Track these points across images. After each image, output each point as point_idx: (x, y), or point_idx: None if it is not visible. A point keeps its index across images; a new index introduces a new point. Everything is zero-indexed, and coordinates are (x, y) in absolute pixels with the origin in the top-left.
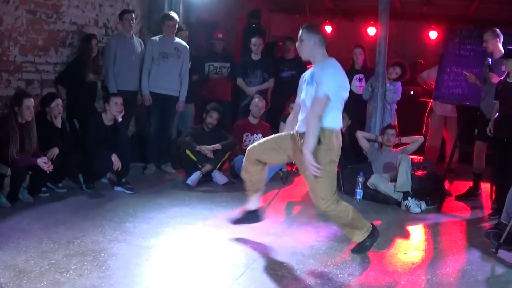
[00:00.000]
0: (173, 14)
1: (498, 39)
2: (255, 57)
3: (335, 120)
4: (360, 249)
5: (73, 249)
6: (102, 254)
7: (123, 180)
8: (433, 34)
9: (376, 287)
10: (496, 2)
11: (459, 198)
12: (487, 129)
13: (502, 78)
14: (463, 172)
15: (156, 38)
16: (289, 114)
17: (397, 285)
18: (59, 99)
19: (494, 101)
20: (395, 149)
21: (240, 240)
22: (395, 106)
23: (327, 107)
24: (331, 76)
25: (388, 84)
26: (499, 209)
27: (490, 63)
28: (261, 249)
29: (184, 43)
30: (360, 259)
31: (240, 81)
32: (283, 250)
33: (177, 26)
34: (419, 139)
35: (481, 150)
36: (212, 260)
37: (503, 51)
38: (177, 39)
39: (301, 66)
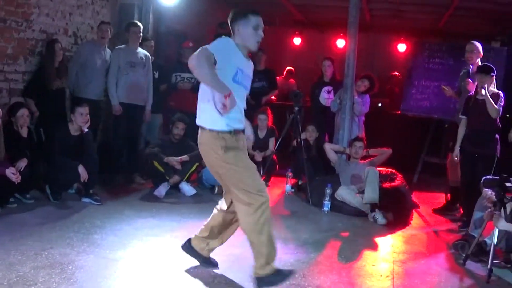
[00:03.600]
0: (137, 22)
1: (477, 52)
2: None
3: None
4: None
5: (41, 261)
6: (70, 267)
7: (90, 191)
8: (402, 47)
9: None
10: (465, 16)
11: (437, 211)
12: (456, 145)
13: (472, 93)
14: (429, 183)
15: (121, 47)
16: (257, 125)
17: None
18: (25, 109)
19: (461, 117)
20: (362, 161)
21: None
22: (363, 118)
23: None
24: None
25: (356, 97)
26: (468, 221)
27: (470, 70)
28: (229, 262)
29: (147, 53)
30: (328, 271)
31: None
32: (251, 262)
33: (141, 35)
34: (387, 151)
35: (455, 164)
36: (180, 272)
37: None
38: (140, 49)
39: (271, 76)
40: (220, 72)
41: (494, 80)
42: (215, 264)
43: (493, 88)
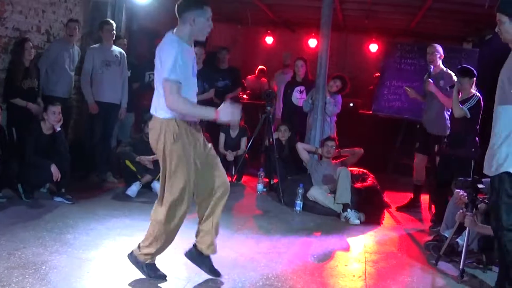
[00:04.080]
0: (110, 20)
1: (438, 54)
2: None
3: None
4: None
5: (14, 261)
6: (44, 267)
7: (62, 190)
8: (373, 47)
9: None
10: (437, 17)
11: (400, 209)
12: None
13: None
14: (400, 183)
15: (95, 46)
16: (229, 125)
17: None
18: None
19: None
20: (334, 161)
21: (181, 253)
22: (335, 118)
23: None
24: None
25: (328, 97)
26: (439, 222)
27: (431, 71)
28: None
29: (122, 50)
30: (301, 271)
31: None
32: (224, 262)
33: (115, 33)
34: (358, 151)
35: (421, 163)
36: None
37: (442, 66)
38: (114, 47)
39: (235, 75)
40: (182, 75)
41: (474, 82)
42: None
43: (473, 90)
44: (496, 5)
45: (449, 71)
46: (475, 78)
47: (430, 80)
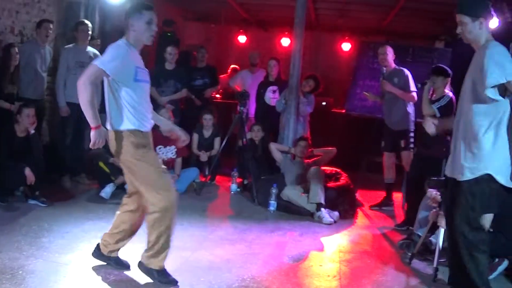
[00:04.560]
0: (85, 20)
1: (390, 54)
2: (169, 66)
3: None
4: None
5: None
6: (20, 272)
7: (37, 193)
8: (346, 46)
9: None
10: (410, 16)
11: (373, 207)
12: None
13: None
14: (373, 181)
15: (70, 46)
16: (202, 125)
17: None
18: None
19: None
20: (307, 160)
21: None
22: (308, 118)
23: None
24: None
25: (301, 97)
26: (410, 220)
27: (384, 71)
28: (178, 264)
29: (96, 51)
30: (276, 272)
31: (152, 91)
32: (200, 264)
33: (90, 33)
34: (331, 150)
35: (390, 161)
36: (129, 276)
37: (394, 65)
38: (89, 48)
39: (213, 73)
40: (119, 77)
41: (449, 82)
42: (127, 266)
43: (447, 90)
44: (457, 6)
45: (401, 68)
46: (449, 78)
47: (384, 80)
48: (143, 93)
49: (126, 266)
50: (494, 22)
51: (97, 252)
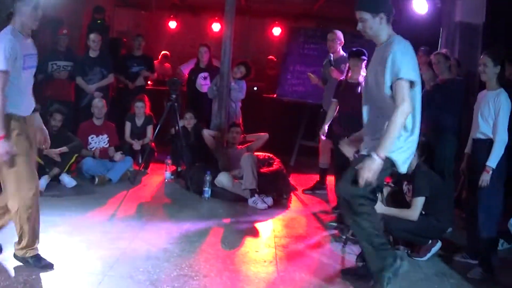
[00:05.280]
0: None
1: (339, 40)
2: (93, 54)
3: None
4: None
5: None
6: None
7: None
8: (277, 31)
9: (230, 286)
10: (339, 1)
11: (306, 191)
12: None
13: (343, 78)
14: (306, 165)
15: None
16: (135, 113)
17: (251, 283)
18: None
19: (333, 100)
20: (240, 146)
21: (94, 247)
22: (239, 104)
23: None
24: None
25: (233, 83)
26: None
27: (331, 58)
28: (116, 255)
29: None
30: (213, 259)
31: (79, 80)
32: (138, 254)
33: None
34: (264, 136)
35: (326, 146)
36: (68, 270)
37: (342, 52)
38: None
39: (149, 62)
40: (12, 67)
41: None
42: None
43: (363, 72)
44: (356, 4)
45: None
46: (366, 60)
47: (332, 67)
48: (29, 79)
49: None
50: (423, 8)
51: None
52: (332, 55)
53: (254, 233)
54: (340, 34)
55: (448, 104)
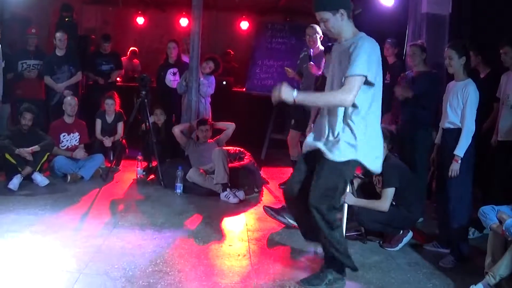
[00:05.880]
0: None
1: (318, 35)
2: (60, 52)
3: None
4: None
5: None
6: None
7: None
8: (244, 25)
9: (206, 282)
10: None
11: (282, 185)
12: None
13: (320, 73)
14: (276, 159)
15: None
16: (105, 110)
17: (225, 277)
18: None
19: None
20: (210, 140)
21: (69, 245)
22: (209, 99)
23: None
24: None
25: (202, 78)
26: None
27: (311, 54)
28: (91, 253)
29: None
30: (187, 254)
31: (47, 79)
32: (113, 251)
33: None
34: (231, 125)
35: (296, 139)
36: (44, 268)
37: (321, 47)
38: None
39: (118, 59)
40: None
41: None
42: None
43: None
44: (314, 5)
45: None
46: None
47: (311, 62)
48: None
49: None
50: (390, 0)
51: None
52: (312, 50)
53: (227, 227)
54: (318, 28)
55: (422, 97)
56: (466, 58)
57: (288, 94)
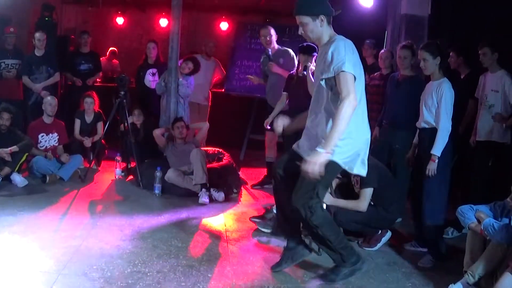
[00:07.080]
0: None
1: (274, 35)
2: (39, 52)
3: None
4: None
5: None
6: None
7: None
8: (224, 25)
9: (185, 283)
10: None
11: (255, 186)
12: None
13: (294, 72)
14: (255, 159)
15: None
16: (84, 110)
17: (204, 278)
18: None
19: (284, 93)
20: (188, 140)
21: (47, 246)
22: (188, 99)
23: None
24: None
25: (181, 79)
26: None
27: (270, 53)
28: (70, 254)
29: None
30: (166, 255)
31: (25, 79)
32: (91, 252)
33: None
34: (204, 124)
35: (272, 140)
36: (22, 269)
37: (277, 46)
38: None
39: (96, 59)
40: None
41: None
42: None
43: (313, 67)
44: (294, 8)
45: (285, 48)
46: (316, 55)
47: (271, 62)
48: None
49: None
50: (369, 1)
51: None
52: (270, 50)
53: (206, 228)
54: (272, 29)
55: (405, 101)
56: (441, 57)
57: (322, 157)
